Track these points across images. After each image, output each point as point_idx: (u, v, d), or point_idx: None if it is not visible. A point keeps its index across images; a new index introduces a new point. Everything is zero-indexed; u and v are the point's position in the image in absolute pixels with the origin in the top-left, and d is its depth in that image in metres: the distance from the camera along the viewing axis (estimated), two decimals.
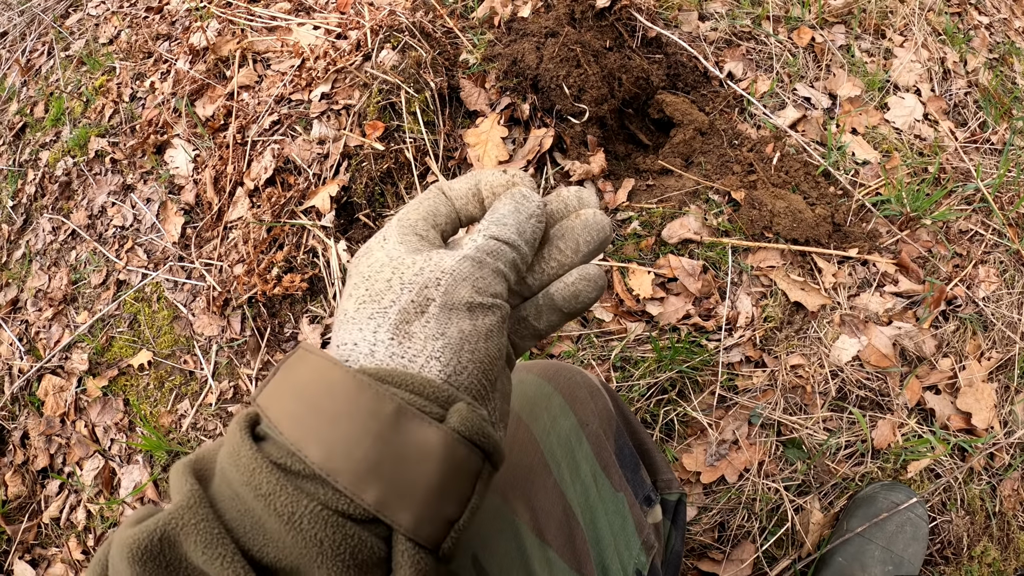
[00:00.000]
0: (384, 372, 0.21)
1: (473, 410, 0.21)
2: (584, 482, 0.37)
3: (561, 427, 0.38)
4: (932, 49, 1.05)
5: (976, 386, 0.83)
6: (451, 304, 0.23)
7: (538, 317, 0.27)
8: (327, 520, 0.19)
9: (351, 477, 0.19)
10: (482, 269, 0.24)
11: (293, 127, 0.97)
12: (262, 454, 0.20)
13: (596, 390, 0.42)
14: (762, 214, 0.83)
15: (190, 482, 0.20)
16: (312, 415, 0.20)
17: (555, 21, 0.88)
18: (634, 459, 0.42)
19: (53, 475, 1.08)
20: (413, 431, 0.20)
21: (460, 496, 0.20)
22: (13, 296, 1.27)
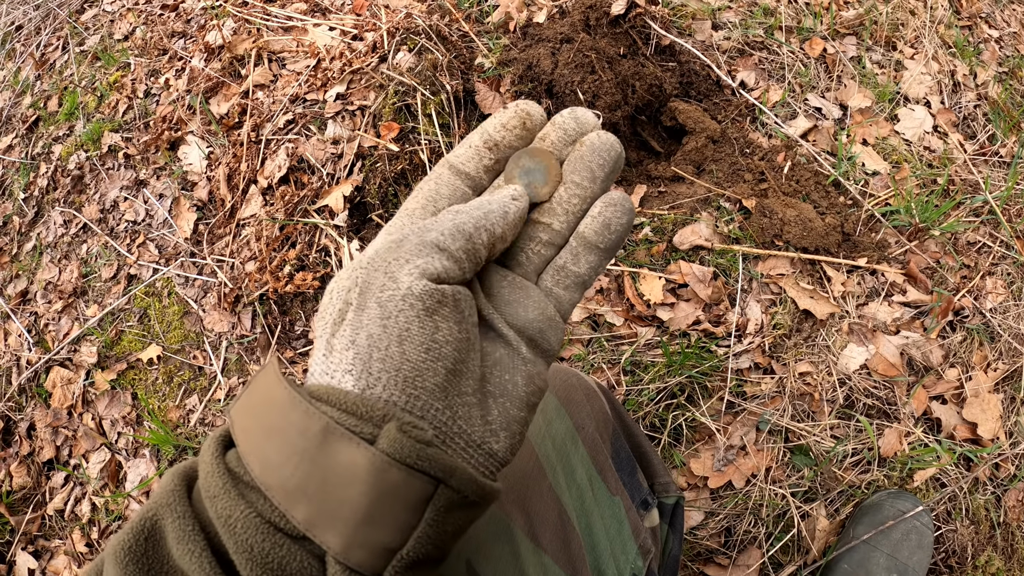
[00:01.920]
0: (320, 389, 0.20)
1: (405, 431, 0.19)
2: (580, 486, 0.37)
3: (556, 430, 0.37)
4: (942, 62, 1.06)
5: (982, 397, 0.83)
6: (363, 304, 0.20)
7: (576, 261, 0.25)
8: (258, 528, 0.19)
9: (282, 493, 0.19)
10: (400, 248, 0.21)
11: (308, 127, 0.98)
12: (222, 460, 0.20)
13: (592, 392, 0.41)
14: (773, 222, 0.84)
15: (174, 481, 0.20)
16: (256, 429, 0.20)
17: (570, 27, 0.89)
18: (631, 462, 0.42)
19: (59, 467, 1.08)
20: (340, 452, 0.19)
21: (399, 523, 0.19)
22: (23, 288, 1.27)
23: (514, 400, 0.22)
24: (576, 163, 0.25)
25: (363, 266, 0.21)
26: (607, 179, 0.25)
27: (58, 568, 1.04)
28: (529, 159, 0.25)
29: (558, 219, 0.25)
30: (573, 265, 0.25)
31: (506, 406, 0.22)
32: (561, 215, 0.25)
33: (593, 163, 0.25)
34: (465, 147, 0.26)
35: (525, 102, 0.26)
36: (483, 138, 0.26)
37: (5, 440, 1.17)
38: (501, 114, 0.26)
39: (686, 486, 0.79)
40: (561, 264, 0.25)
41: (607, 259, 0.26)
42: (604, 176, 0.25)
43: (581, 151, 0.25)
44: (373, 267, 0.21)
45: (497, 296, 0.24)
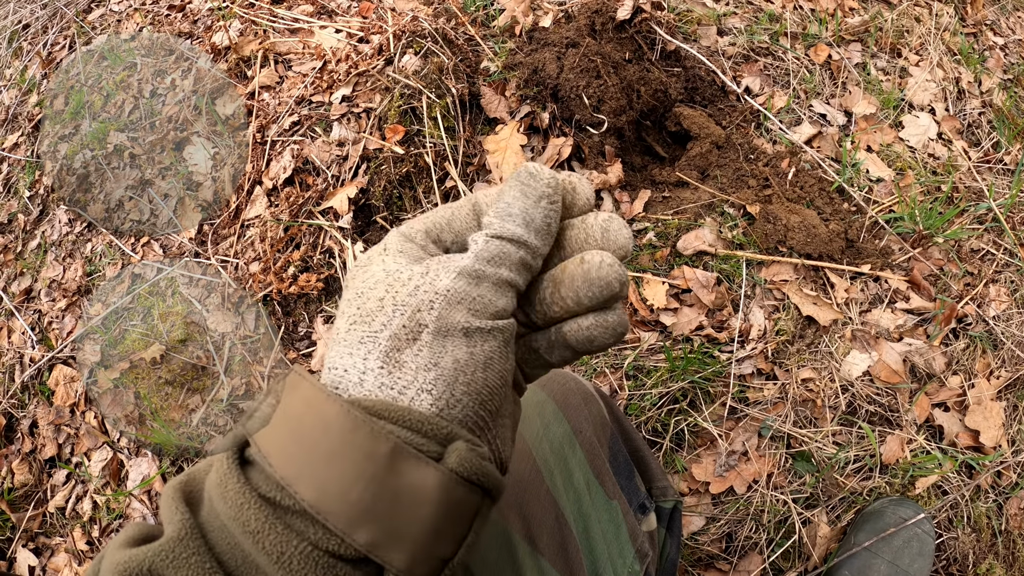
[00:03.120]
0: (378, 406, 0.20)
1: (472, 449, 0.20)
2: (577, 490, 0.37)
3: (554, 434, 0.38)
4: (947, 69, 1.06)
5: (985, 404, 0.83)
6: (445, 330, 0.21)
7: (550, 351, 0.25)
8: (317, 561, 0.18)
9: (344, 519, 0.19)
10: (480, 285, 0.22)
11: (313, 128, 0.98)
12: (250, 487, 0.19)
13: (590, 396, 0.42)
14: (776, 228, 0.84)
15: (181, 511, 0.20)
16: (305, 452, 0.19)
17: (576, 32, 0.89)
18: (628, 466, 0.43)
19: (61, 464, 1.08)
20: (410, 472, 0.19)
21: (456, 536, 0.20)
22: (27, 286, 1.28)
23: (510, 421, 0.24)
24: (567, 279, 0.24)
25: (440, 293, 0.22)
26: (597, 306, 0.25)
27: (58, 565, 1.04)
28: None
29: (536, 315, 0.25)
30: (546, 354, 0.26)
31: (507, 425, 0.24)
32: (540, 314, 0.25)
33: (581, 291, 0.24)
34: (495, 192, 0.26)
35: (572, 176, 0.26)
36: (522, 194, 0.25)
37: (7, 437, 1.17)
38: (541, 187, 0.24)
39: (687, 491, 0.79)
40: (535, 348, 0.26)
41: (578, 358, 0.27)
42: (590, 304, 0.25)
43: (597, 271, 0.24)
44: (455, 299, 0.22)
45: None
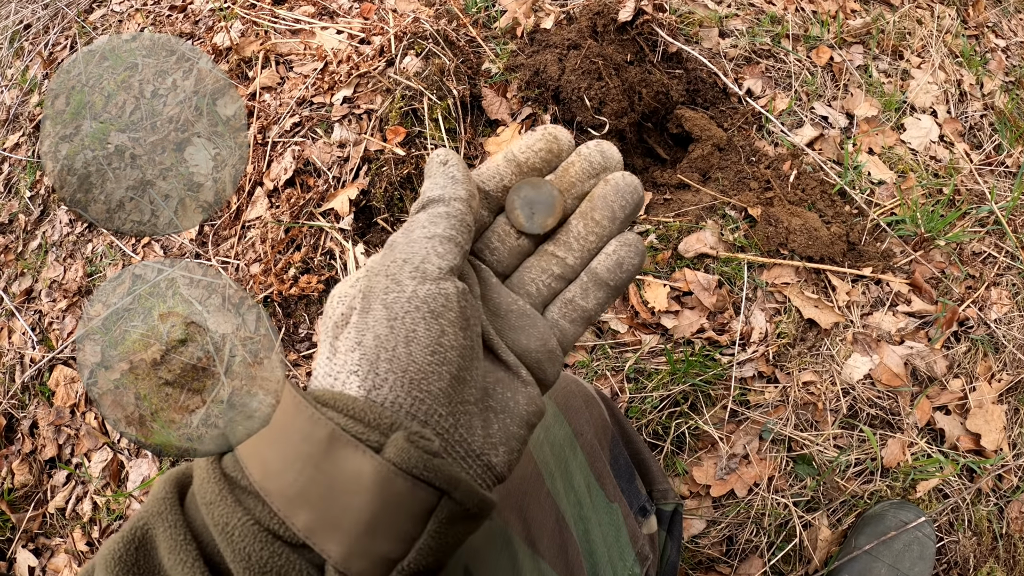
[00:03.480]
0: (325, 393, 0.20)
1: (412, 440, 0.19)
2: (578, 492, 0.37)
3: (555, 436, 0.38)
4: (949, 71, 1.06)
5: (986, 408, 0.83)
6: (367, 307, 0.20)
7: (585, 296, 0.25)
8: (256, 535, 0.18)
9: (283, 499, 0.19)
10: (394, 250, 0.21)
11: (314, 130, 0.98)
12: (217, 465, 0.20)
13: (591, 399, 0.42)
14: (778, 231, 0.84)
15: (165, 489, 0.20)
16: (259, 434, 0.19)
17: (577, 34, 0.89)
18: (629, 469, 0.42)
19: (61, 465, 1.08)
20: (346, 459, 0.18)
21: (401, 534, 0.18)
22: (28, 286, 1.28)
23: (514, 417, 0.22)
24: (599, 201, 0.25)
25: (367, 270, 0.22)
26: (626, 220, 0.26)
27: (58, 566, 1.04)
28: (531, 189, 0.25)
29: (573, 254, 0.25)
30: (582, 300, 0.25)
31: (506, 422, 0.22)
32: (576, 250, 0.25)
33: (615, 204, 0.25)
34: (487, 165, 0.26)
35: (553, 127, 0.26)
36: (507, 158, 0.26)
37: (7, 438, 1.17)
38: (528, 136, 0.26)
39: (688, 494, 0.79)
40: (570, 298, 0.25)
41: (615, 297, 0.26)
42: (624, 217, 0.25)
43: (605, 190, 0.25)
44: (375, 271, 0.21)
45: (504, 319, 0.24)
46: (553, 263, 0.25)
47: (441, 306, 0.20)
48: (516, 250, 0.26)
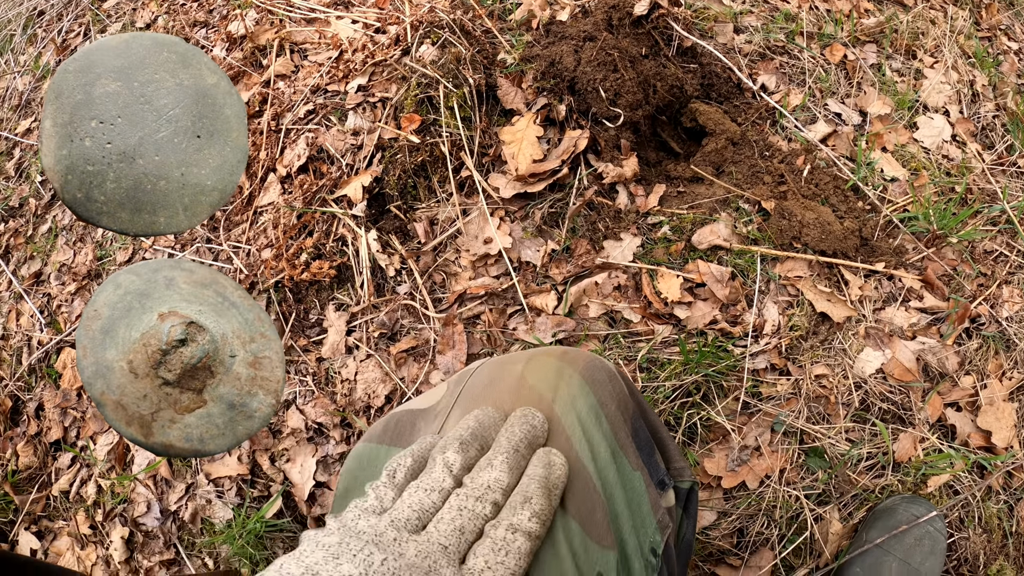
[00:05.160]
0: None
1: None
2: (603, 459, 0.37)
3: (580, 406, 0.38)
4: (962, 72, 1.06)
5: (997, 405, 0.83)
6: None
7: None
8: None
9: None
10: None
11: (328, 117, 0.99)
12: None
13: (613, 374, 0.42)
14: (791, 224, 0.84)
15: None
16: None
17: (593, 26, 0.89)
18: (649, 443, 0.43)
19: (66, 448, 1.08)
20: None
21: None
22: (37, 269, 1.28)
23: None
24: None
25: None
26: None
27: (60, 549, 1.03)
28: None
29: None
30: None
31: None
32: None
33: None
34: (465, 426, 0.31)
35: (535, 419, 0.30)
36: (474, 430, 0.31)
37: (13, 420, 1.17)
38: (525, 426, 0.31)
39: (699, 485, 0.79)
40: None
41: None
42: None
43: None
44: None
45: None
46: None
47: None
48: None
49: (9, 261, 1.32)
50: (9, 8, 1.52)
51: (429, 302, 0.87)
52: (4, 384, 1.20)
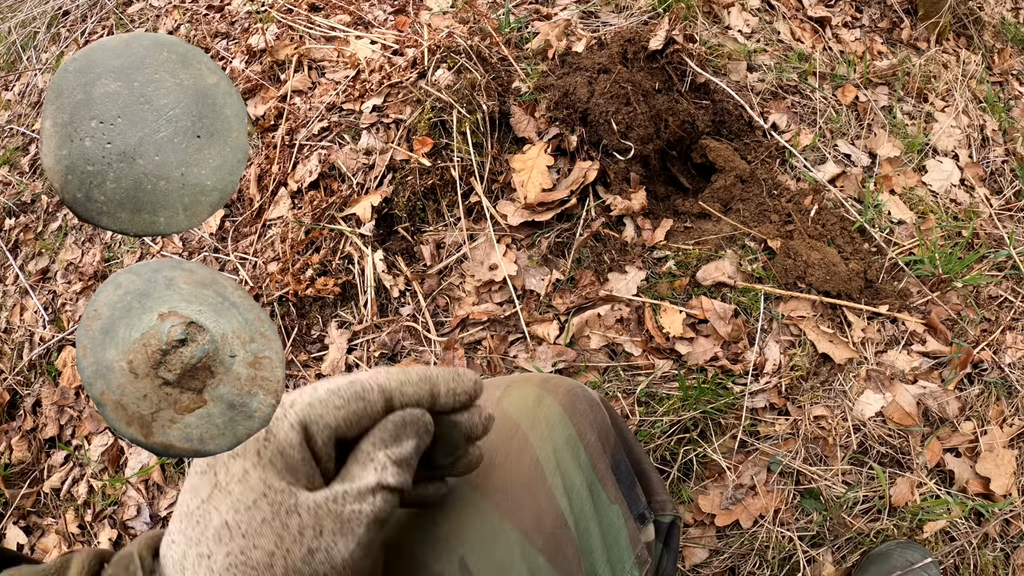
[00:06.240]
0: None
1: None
2: (579, 492, 0.37)
3: (558, 437, 0.38)
4: (972, 116, 1.07)
5: (997, 452, 0.83)
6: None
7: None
8: None
9: None
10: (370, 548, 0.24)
11: (342, 135, 1.00)
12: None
13: (595, 404, 0.42)
14: (796, 264, 0.85)
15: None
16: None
17: (608, 59, 0.91)
18: (630, 475, 0.42)
19: (61, 446, 1.08)
20: None
21: None
22: (44, 266, 1.29)
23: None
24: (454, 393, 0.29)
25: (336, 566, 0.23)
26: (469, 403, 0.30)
27: (47, 546, 1.03)
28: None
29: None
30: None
31: None
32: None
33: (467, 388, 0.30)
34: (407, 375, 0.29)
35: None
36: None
37: (10, 413, 1.17)
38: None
39: (692, 522, 0.79)
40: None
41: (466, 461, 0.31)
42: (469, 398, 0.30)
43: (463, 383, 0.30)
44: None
45: None
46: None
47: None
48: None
49: (17, 256, 1.33)
50: (35, 5, 1.54)
51: (431, 325, 0.88)
52: (3, 377, 1.20)
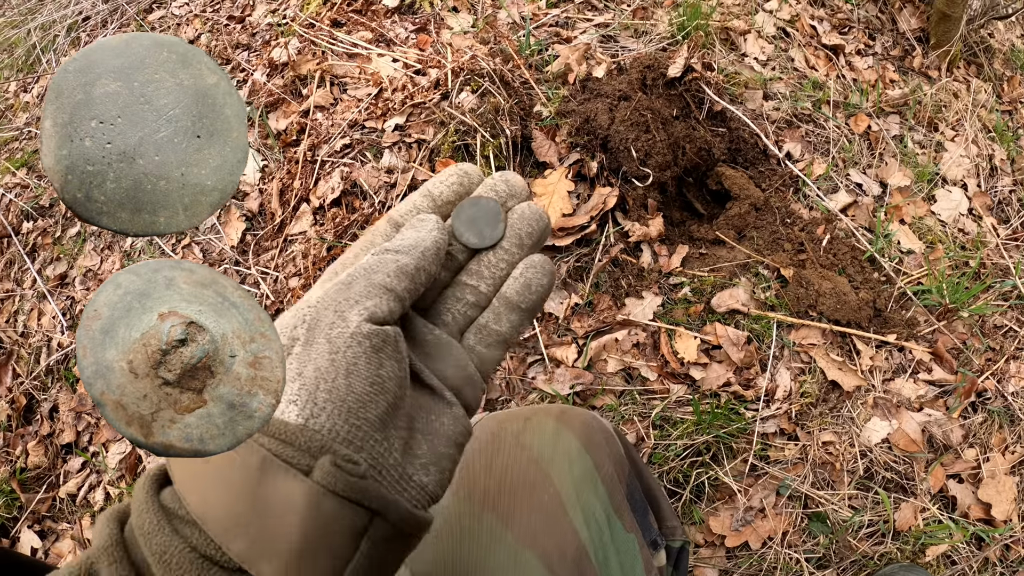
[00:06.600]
0: None
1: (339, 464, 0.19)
2: (598, 523, 0.38)
3: (577, 470, 0.40)
4: (981, 145, 1.09)
5: (998, 478, 0.85)
6: (311, 339, 0.21)
7: (498, 320, 0.25)
8: (193, 562, 0.19)
9: (219, 526, 0.19)
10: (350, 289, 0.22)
11: (364, 153, 1.02)
12: (154, 497, 0.21)
13: (611, 436, 0.44)
14: (808, 293, 0.87)
15: (109, 526, 0.21)
16: (193, 463, 0.20)
17: (628, 85, 0.92)
18: (643, 504, 0.44)
19: (78, 452, 1.10)
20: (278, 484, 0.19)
21: (334, 554, 0.19)
22: (62, 271, 1.30)
23: (442, 438, 0.23)
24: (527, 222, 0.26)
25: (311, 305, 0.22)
26: (534, 247, 0.27)
27: (62, 551, 1.05)
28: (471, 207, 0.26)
29: (484, 282, 0.26)
30: (495, 324, 0.26)
31: (435, 443, 0.23)
32: (488, 278, 0.26)
33: (522, 231, 0.26)
34: (406, 202, 0.27)
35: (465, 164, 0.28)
36: (422, 193, 0.27)
37: (26, 418, 1.19)
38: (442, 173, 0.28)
39: (703, 543, 0.81)
40: (484, 323, 0.26)
41: (528, 319, 0.26)
42: (532, 244, 0.26)
43: (512, 219, 0.26)
44: (323, 306, 0.22)
45: (420, 350, 0.25)
46: (467, 292, 0.26)
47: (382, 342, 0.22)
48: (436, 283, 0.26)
49: (35, 259, 1.34)
50: (56, 9, 1.55)
51: None
52: (20, 382, 1.22)
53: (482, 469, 0.40)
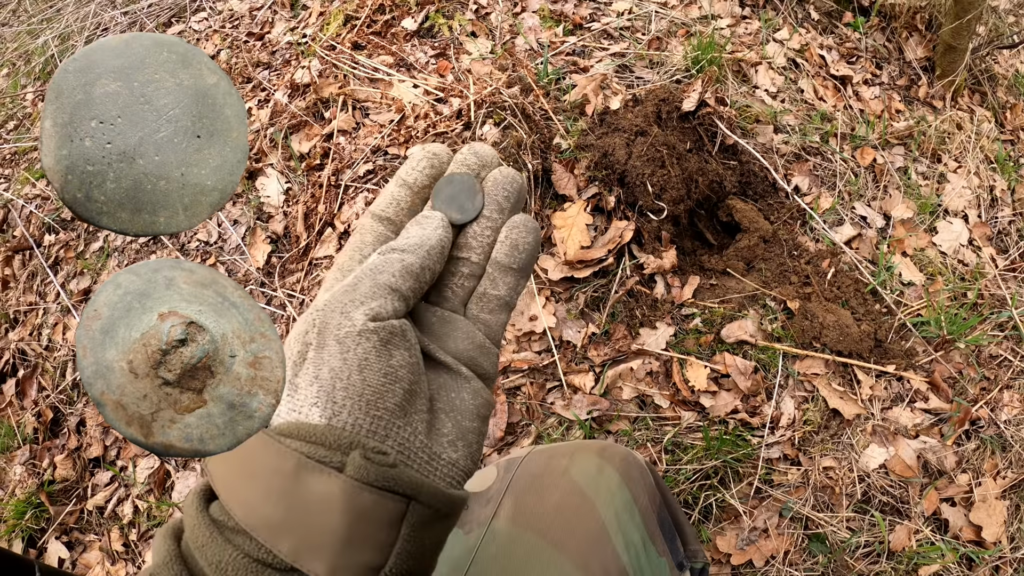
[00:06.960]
0: (288, 427, 0.21)
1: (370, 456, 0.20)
2: (636, 548, 0.43)
3: (618, 501, 0.44)
4: (983, 176, 1.12)
5: (989, 502, 0.90)
6: (322, 343, 0.22)
7: (495, 285, 0.26)
8: (247, 567, 0.20)
9: (266, 531, 0.20)
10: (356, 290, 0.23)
11: (387, 179, 1.05)
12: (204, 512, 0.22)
13: (644, 470, 0.49)
14: (813, 325, 0.91)
15: (167, 543, 0.22)
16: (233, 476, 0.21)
17: (644, 119, 0.95)
18: (671, 530, 0.49)
19: (106, 466, 1.12)
20: (315, 483, 0.20)
21: (377, 543, 0.20)
22: (86, 286, 1.33)
23: (465, 413, 0.24)
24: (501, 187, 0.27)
25: (319, 309, 0.23)
26: (514, 209, 0.27)
27: (90, 562, 1.07)
28: (448, 186, 0.27)
29: (475, 252, 0.27)
30: (493, 289, 0.27)
31: (458, 419, 0.24)
32: (477, 248, 0.27)
33: (499, 196, 0.27)
34: (383, 195, 0.28)
35: (432, 144, 0.29)
36: (398, 183, 0.28)
37: (53, 431, 1.22)
38: (411, 159, 0.28)
39: (711, 560, 0.86)
40: (482, 291, 0.27)
41: (523, 279, 0.27)
42: (511, 207, 0.27)
43: (487, 187, 0.27)
44: (330, 309, 0.23)
45: (428, 332, 0.26)
46: (461, 264, 0.27)
47: (390, 334, 0.23)
48: None
49: (58, 273, 1.37)
50: (74, 20, 1.57)
51: None
52: (46, 395, 1.25)
53: (536, 501, 0.44)
